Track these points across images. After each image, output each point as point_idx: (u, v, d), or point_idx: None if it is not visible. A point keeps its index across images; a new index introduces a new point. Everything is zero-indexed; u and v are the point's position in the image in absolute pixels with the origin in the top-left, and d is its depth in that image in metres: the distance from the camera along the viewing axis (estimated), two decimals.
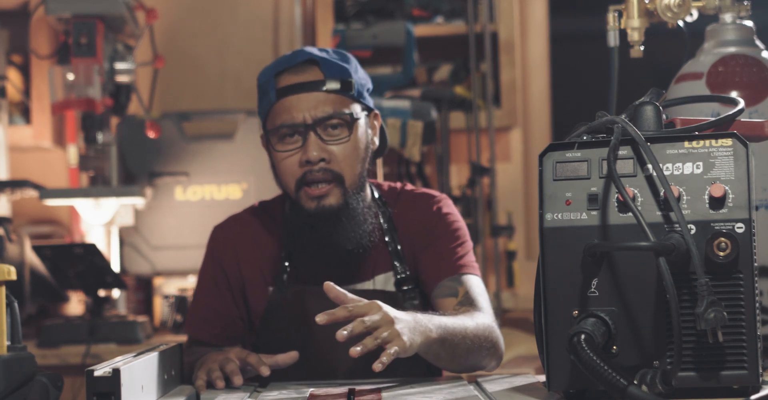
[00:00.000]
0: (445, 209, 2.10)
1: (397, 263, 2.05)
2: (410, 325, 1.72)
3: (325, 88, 1.96)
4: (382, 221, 2.06)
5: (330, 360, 2.00)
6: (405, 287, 2.04)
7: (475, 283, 2.03)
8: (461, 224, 2.11)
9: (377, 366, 1.63)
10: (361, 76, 2.02)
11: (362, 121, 2.01)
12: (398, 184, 2.15)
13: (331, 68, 1.98)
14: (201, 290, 2.12)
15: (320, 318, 1.66)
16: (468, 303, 1.96)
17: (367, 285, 2.04)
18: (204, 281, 2.12)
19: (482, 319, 1.91)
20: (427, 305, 2.05)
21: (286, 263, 2.05)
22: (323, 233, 1.97)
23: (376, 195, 2.09)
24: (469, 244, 2.10)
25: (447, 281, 2.01)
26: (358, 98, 2.00)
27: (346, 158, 1.97)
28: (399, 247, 2.06)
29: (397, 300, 2.02)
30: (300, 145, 1.96)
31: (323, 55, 2.00)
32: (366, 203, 2.03)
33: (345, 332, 1.64)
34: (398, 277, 2.04)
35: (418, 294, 2.04)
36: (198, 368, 1.83)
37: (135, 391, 1.45)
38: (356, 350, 1.64)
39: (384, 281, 2.05)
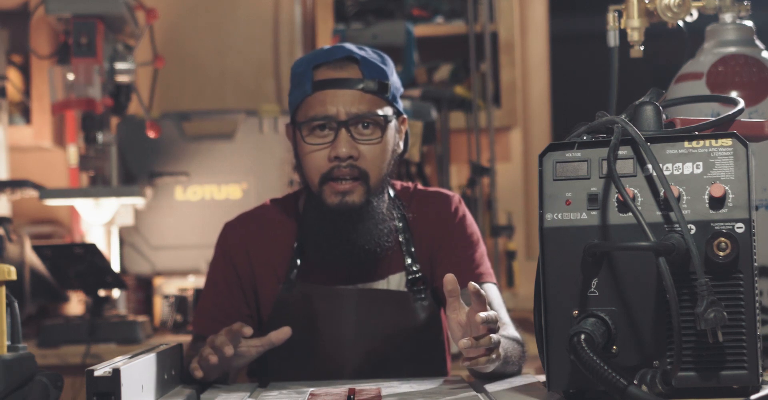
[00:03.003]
0: (461, 211, 2.11)
1: (409, 263, 2.05)
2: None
3: (362, 87, 1.97)
4: (396, 220, 2.06)
5: (336, 360, 2.00)
6: (416, 287, 2.03)
7: (495, 293, 2.04)
8: (475, 227, 2.12)
9: (466, 363, 1.61)
10: (395, 79, 2.04)
11: (393, 124, 2.02)
12: (410, 184, 2.16)
13: (370, 68, 1.98)
14: (210, 288, 2.09)
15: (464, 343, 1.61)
16: None
17: (381, 284, 2.04)
18: (214, 279, 2.10)
19: (516, 335, 1.92)
20: (438, 307, 2.05)
21: (298, 261, 2.04)
22: (343, 230, 1.97)
23: (392, 194, 2.09)
24: (484, 248, 2.11)
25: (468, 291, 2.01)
26: (392, 101, 2.01)
27: (374, 159, 1.98)
28: (413, 247, 2.06)
29: (408, 300, 2.02)
30: (330, 140, 1.96)
31: (363, 53, 2.01)
32: (386, 203, 2.04)
33: (469, 343, 1.60)
34: (410, 277, 2.04)
35: (429, 295, 2.04)
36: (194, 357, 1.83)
37: (135, 391, 1.45)
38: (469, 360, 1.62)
39: (398, 281, 2.05)
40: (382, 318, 2.01)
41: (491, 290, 2.03)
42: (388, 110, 2.00)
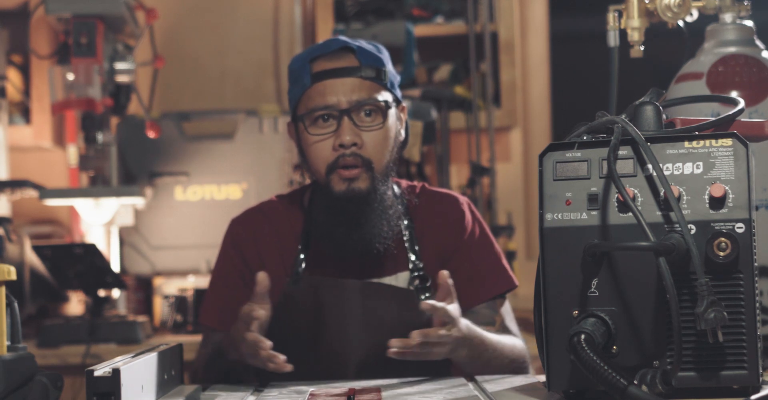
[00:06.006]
0: (473, 216, 2.13)
1: (414, 260, 2.05)
2: (463, 343, 1.86)
3: (360, 74, 1.99)
4: (402, 216, 2.07)
5: (341, 354, 2.00)
6: (420, 285, 2.04)
7: (507, 309, 2.11)
8: (488, 230, 2.15)
9: (392, 352, 1.77)
10: (391, 68, 2.06)
11: (393, 110, 2.04)
12: (416, 183, 2.17)
13: (366, 56, 2.01)
14: (219, 280, 2.10)
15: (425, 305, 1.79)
16: (503, 331, 2.06)
17: (389, 280, 2.05)
18: (223, 271, 2.10)
19: (518, 343, 2.02)
20: None
21: (302, 255, 2.05)
22: (351, 216, 1.98)
23: (397, 191, 2.10)
24: (498, 248, 2.13)
25: (482, 309, 2.05)
26: (390, 88, 2.03)
27: (376, 145, 1.99)
28: (416, 244, 2.06)
29: (412, 297, 2.02)
30: (333, 129, 1.98)
31: (358, 44, 2.03)
32: (392, 191, 2.06)
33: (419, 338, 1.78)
34: (413, 274, 2.04)
35: (433, 294, 2.04)
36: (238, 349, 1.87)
37: (135, 391, 1.45)
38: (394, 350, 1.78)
39: (406, 279, 2.05)
40: (387, 313, 2.01)
41: (505, 306, 2.10)
42: (387, 96, 2.02)
